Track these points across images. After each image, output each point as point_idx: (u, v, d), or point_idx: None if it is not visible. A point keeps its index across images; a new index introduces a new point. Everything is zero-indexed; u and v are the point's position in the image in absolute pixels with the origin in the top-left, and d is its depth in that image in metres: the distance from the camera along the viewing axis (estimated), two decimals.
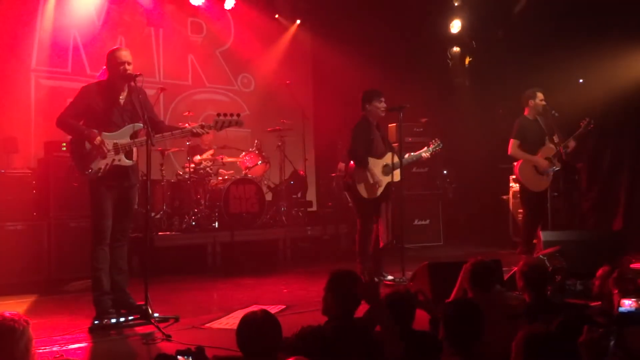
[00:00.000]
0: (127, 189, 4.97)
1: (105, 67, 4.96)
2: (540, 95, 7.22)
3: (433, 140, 6.92)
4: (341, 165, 9.15)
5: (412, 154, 6.78)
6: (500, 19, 9.57)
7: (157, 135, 4.88)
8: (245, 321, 2.80)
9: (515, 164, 7.32)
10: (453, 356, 2.79)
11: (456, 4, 10.19)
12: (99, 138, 4.72)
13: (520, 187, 7.46)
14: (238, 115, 5.01)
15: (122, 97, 4.93)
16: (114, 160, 4.81)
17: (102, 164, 4.77)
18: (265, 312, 2.85)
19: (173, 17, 9.91)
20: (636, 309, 3.04)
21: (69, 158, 4.97)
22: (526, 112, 7.28)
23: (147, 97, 5.10)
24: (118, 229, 4.95)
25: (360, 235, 6.58)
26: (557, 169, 7.18)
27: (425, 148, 6.85)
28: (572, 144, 7.15)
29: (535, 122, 7.24)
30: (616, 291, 3.73)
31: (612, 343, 2.36)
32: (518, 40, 9.26)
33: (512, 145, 7.23)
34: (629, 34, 8.19)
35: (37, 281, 6.51)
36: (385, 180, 6.51)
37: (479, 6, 9.95)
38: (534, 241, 7.16)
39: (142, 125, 4.86)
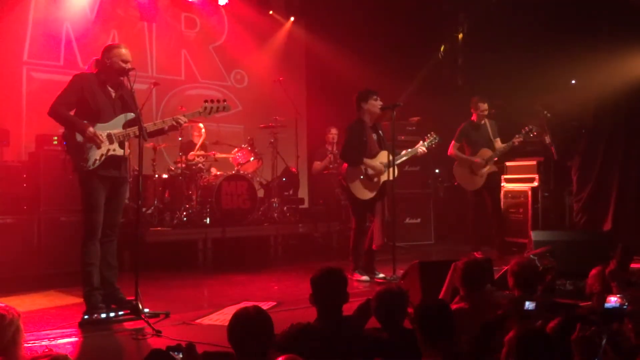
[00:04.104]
0: (119, 181, 4.94)
1: (99, 59, 4.90)
2: (481, 107, 7.77)
3: (428, 135, 6.92)
4: (316, 164, 9.21)
5: (408, 150, 6.79)
6: (493, 20, 9.57)
7: (149, 124, 4.86)
8: (237, 317, 2.78)
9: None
10: (433, 357, 2.79)
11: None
12: (91, 129, 4.69)
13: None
14: (224, 101, 5.23)
15: (112, 91, 4.90)
16: (108, 150, 4.78)
17: (97, 154, 4.74)
18: (258, 308, 2.83)
19: (167, 12, 9.89)
20: (620, 305, 3.06)
21: (62, 151, 4.92)
22: (473, 117, 7.84)
23: (135, 95, 4.86)
24: (108, 224, 4.91)
25: (355, 234, 6.60)
26: (493, 170, 7.74)
27: (421, 142, 6.83)
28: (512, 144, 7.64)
29: (482, 125, 7.79)
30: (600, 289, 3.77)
31: (604, 341, 2.37)
32: (511, 40, 9.28)
33: (452, 147, 7.84)
34: (619, 35, 8.22)
35: (26, 275, 6.46)
36: (382, 176, 6.52)
37: (473, 7, 9.97)
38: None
39: (133, 115, 4.85)
